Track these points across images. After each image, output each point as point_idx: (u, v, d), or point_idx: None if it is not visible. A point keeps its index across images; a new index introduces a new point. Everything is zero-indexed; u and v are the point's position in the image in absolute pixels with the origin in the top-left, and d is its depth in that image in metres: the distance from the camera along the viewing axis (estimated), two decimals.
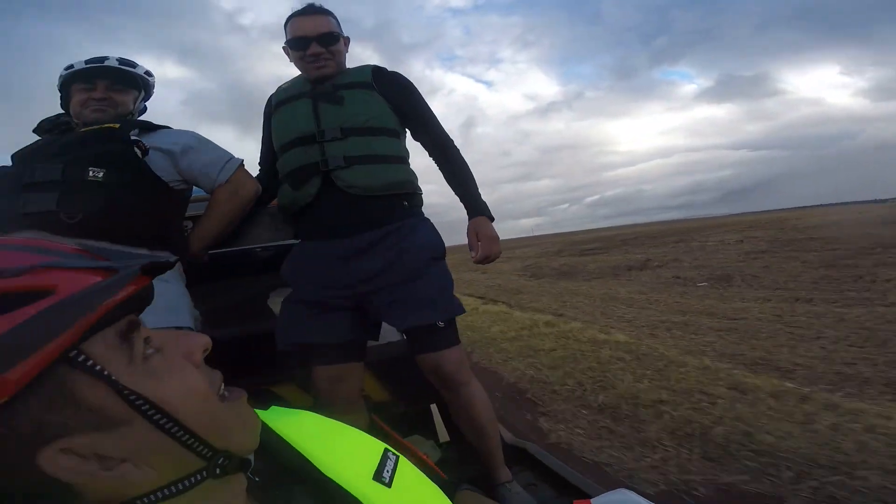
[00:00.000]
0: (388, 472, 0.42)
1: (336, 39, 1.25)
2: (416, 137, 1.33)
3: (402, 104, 1.28)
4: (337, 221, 1.19)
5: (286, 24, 1.27)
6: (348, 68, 1.30)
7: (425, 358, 1.18)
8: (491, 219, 1.25)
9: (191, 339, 0.36)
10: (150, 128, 1.18)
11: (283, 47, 1.29)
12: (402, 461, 0.44)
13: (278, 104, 1.29)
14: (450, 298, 1.21)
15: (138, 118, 1.27)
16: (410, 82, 1.30)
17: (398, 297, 1.16)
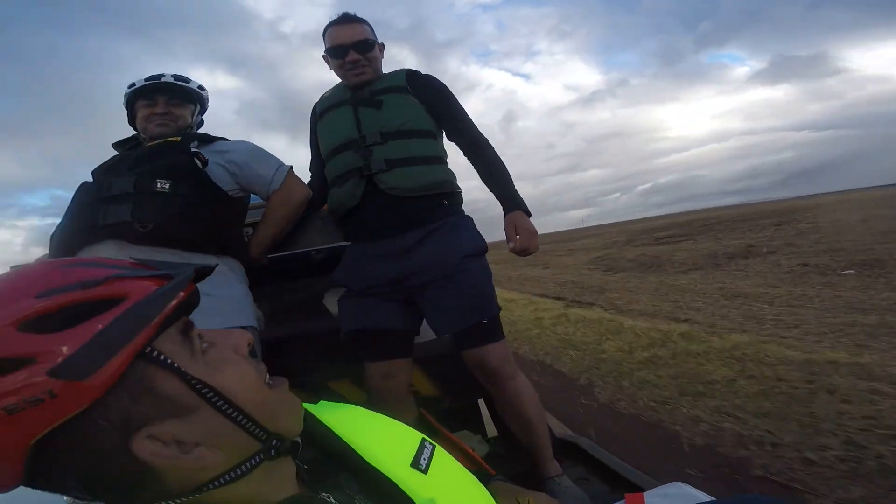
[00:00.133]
0: (424, 460, 0.45)
1: (371, 46, 1.29)
2: (451, 138, 1.35)
3: (436, 106, 1.30)
4: (380, 223, 1.24)
5: (324, 34, 1.32)
6: (385, 73, 1.35)
7: (470, 353, 1.21)
8: (528, 214, 1.25)
9: (236, 335, 0.41)
10: (207, 140, 1.26)
11: (322, 56, 1.35)
12: (438, 450, 0.47)
13: (322, 113, 1.36)
14: (490, 295, 1.23)
15: (197, 131, 1.36)
16: (443, 84, 1.33)
17: (441, 295, 1.19)
